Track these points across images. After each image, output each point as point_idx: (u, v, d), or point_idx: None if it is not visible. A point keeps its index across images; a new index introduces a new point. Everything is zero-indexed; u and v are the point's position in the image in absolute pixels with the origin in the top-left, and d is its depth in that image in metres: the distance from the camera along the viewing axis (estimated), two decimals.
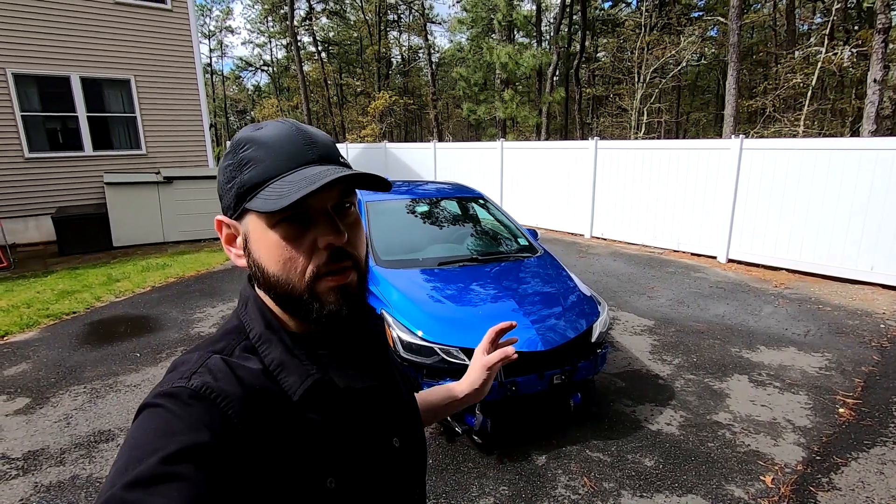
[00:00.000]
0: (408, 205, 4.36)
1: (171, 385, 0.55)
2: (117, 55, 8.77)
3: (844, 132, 16.67)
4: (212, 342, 0.63)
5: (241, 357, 0.60)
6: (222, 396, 0.54)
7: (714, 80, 27.13)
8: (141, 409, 0.54)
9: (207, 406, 0.52)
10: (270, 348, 0.61)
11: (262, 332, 0.62)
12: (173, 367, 0.59)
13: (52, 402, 3.38)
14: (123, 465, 0.47)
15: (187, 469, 0.47)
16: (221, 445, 0.50)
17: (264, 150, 0.59)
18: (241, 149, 0.60)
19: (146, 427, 0.51)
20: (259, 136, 0.61)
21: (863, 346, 4.12)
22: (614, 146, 8.36)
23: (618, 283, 5.99)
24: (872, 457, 2.71)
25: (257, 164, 0.59)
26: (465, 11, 20.72)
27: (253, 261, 0.61)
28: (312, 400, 0.59)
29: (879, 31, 10.18)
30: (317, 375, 0.60)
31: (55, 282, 6.20)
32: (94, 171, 8.75)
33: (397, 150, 14.29)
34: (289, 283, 0.59)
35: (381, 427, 0.67)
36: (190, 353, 0.61)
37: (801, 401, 3.30)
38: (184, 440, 0.49)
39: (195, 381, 0.55)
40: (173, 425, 0.50)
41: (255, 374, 0.58)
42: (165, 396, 0.53)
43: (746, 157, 6.45)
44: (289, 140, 0.60)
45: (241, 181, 0.59)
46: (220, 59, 41.16)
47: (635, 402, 3.30)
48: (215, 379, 0.55)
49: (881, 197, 5.39)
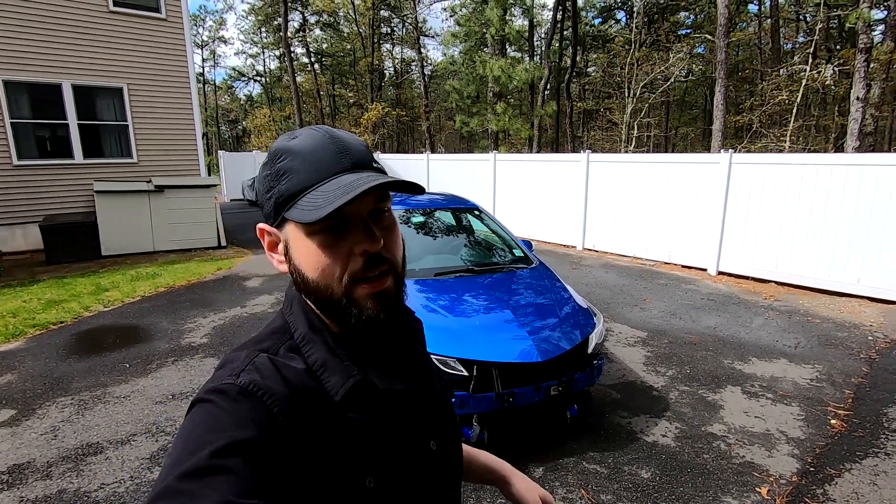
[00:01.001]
0: (402, 215, 4.36)
1: (221, 382, 0.57)
2: (110, 63, 8.73)
3: (828, 148, 17.05)
4: (258, 341, 0.65)
5: (286, 356, 0.62)
6: (269, 394, 0.56)
7: (702, 95, 27.68)
8: (193, 403, 0.57)
9: (254, 403, 0.55)
10: (314, 348, 0.63)
11: (305, 332, 0.64)
12: (222, 364, 0.62)
13: (39, 414, 3.30)
14: (177, 457, 0.50)
15: (236, 463, 0.49)
16: (267, 441, 0.52)
17: (299, 159, 0.61)
18: (278, 159, 0.62)
19: (197, 421, 0.54)
20: (294, 145, 0.62)
21: (852, 357, 4.18)
22: (606, 159, 8.47)
23: (610, 294, 6.03)
24: (865, 468, 2.73)
25: (293, 175, 0.60)
26: (458, 25, 20.98)
27: (294, 267, 0.63)
28: (353, 400, 0.61)
29: (862, 51, 10.49)
30: (358, 376, 0.61)
31: (42, 291, 6.09)
32: (83, 179, 8.66)
33: (390, 161, 14.34)
34: (328, 288, 0.61)
35: (419, 429, 0.68)
36: (238, 351, 0.63)
37: (794, 412, 3.33)
38: (232, 435, 0.51)
39: (243, 378, 0.57)
40: (222, 420, 0.52)
41: (300, 373, 0.60)
42: (215, 392, 0.56)
43: (735, 171, 6.56)
44: (322, 149, 0.62)
45: (279, 191, 0.61)
46: (212, 69, 41.05)
47: (631, 414, 3.30)
48: (262, 377, 0.57)
49: (866, 211, 5.50)
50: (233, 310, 5.46)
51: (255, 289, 6.30)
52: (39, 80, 8.18)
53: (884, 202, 5.38)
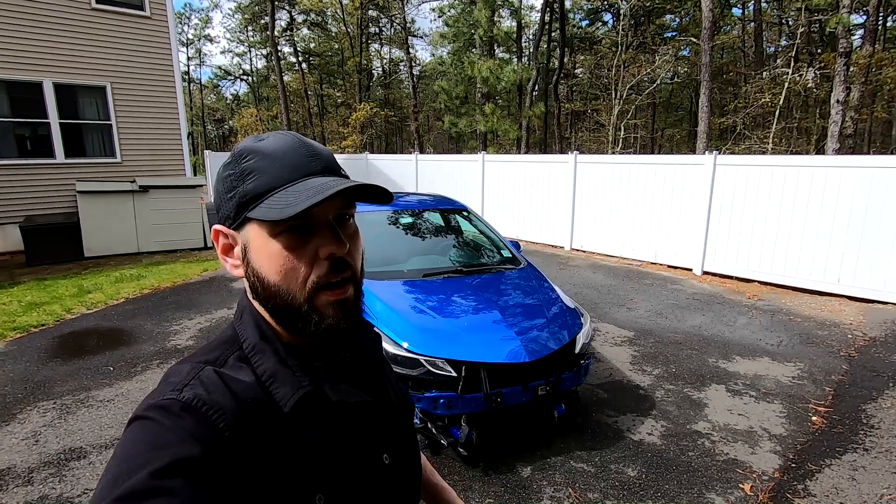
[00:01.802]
0: (390, 216, 4.36)
1: (162, 397, 0.54)
2: (93, 61, 8.58)
3: (810, 150, 17.38)
4: (205, 352, 0.62)
5: (234, 367, 0.60)
6: (214, 409, 0.53)
7: (687, 97, 28.05)
8: (131, 420, 0.54)
9: (199, 419, 0.52)
10: (263, 358, 0.60)
11: (255, 342, 0.62)
12: (165, 378, 0.59)
13: (20, 419, 3.24)
14: (113, 478, 0.47)
15: (177, 483, 0.47)
16: (212, 459, 0.50)
17: (268, 160, 0.60)
18: (244, 159, 0.61)
19: (136, 439, 0.51)
20: (262, 146, 0.61)
21: (832, 355, 4.27)
22: (593, 160, 8.54)
23: (598, 294, 6.08)
24: (845, 463, 2.80)
25: (261, 175, 0.59)
26: (446, 26, 21.01)
27: (252, 270, 0.61)
28: (304, 413, 0.59)
29: (841, 55, 10.71)
30: (309, 387, 0.59)
31: (22, 293, 5.97)
32: (65, 180, 8.49)
33: (378, 162, 14.29)
34: (289, 293, 0.59)
35: (372, 443, 0.67)
36: (182, 364, 0.60)
37: (776, 409, 3.39)
38: (174, 453, 0.48)
39: (187, 393, 0.54)
40: (163, 438, 0.50)
41: (248, 385, 0.58)
42: (156, 409, 0.53)
43: (720, 172, 6.66)
44: (292, 151, 0.61)
45: (244, 191, 0.59)
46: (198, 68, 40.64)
47: (617, 413, 3.34)
48: (207, 391, 0.55)
49: (846, 212, 5.62)
50: (219, 311, 5.40)
51: (241, 290, 6.23)
52: (19, 79, 8.01)
53: (863, 203, 5.50)
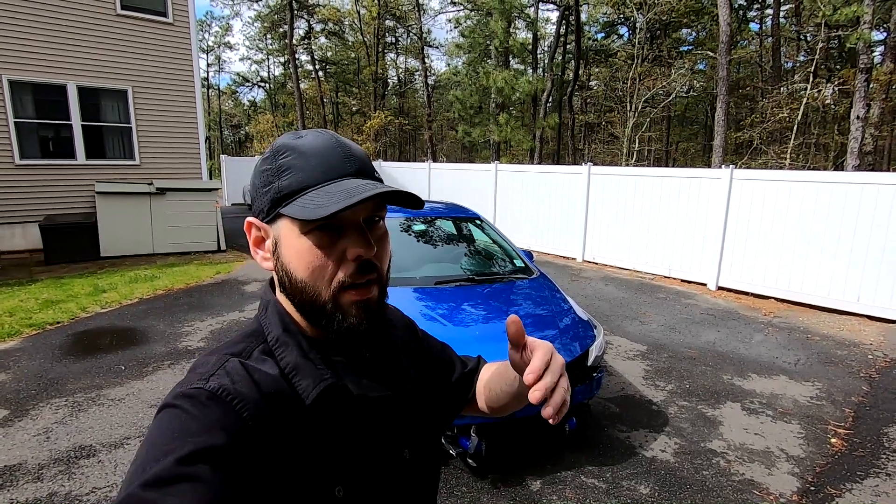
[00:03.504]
0: (403, 223, 4.36)
1: (190, 386, 0.56)
2: (116, 66, 8.78)
3: (828, 166, 17.13)
4: (231, 344, 0.63)
5: (259, 360, 0.61)
6: (239, 399, 0.55)
7: (703, 111, 27.86)
8: (160, 409, 0.55)
9: (224, 408, 0.53)
10: (286, 351, 0.61)
11: (279, 334, 0.63)
12: (192, 369, 0.60)
13: (32, 415, 3.27)
14: (141, 464, 0.48)
15: (202, 470, 0.48)
16: (236, 448, 0.51)
17: (304, 158, 0.60)
18: (281, 155, 0.61)
19: (164, 427, 0.52)
20: (299, 144, 0.62)
21: (852, 376, 4.16)
22: (607, 172, 8.49)
23: (610, 307, 6.01)
24: (866, 488, 2.71)
25: (296, 172, 0.60)
26: (462, 37, 21.19)
27: (281, 265, 0.62)
28: (326, 406, 0.60)
29: (862, 71, 10.58)
30: (331, 380, 0.60)
31: (39, 291, 6.07)
32: (85, 180, 8.66)
33: (392, 169, 14.38)
34: (315, 290, 0.60)
35: (393, 438, 0.67)
36: (209, 356, 0.61)
37: (794, 430, 3.30)
38: (199, 441, 0.50)
39: (213, 382, 0.55)
40: (190, 426, 0.51)
41: (272, 377, 0.59)
42: (183, 397, 0.54)
43: (736, 186, 6.58)
44: (329, 151, 0.61)
45: (279, 186, 0.60)
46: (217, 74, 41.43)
47: (630, 428, 3.28)
48: (232, 381, 0.56)
49: (866, 230, 5.51)
50: (231, 314, 5.43)
51: (253, 293, 6.28)
52: (45, 81, 8.22)
53: (883, 221, 5.39)
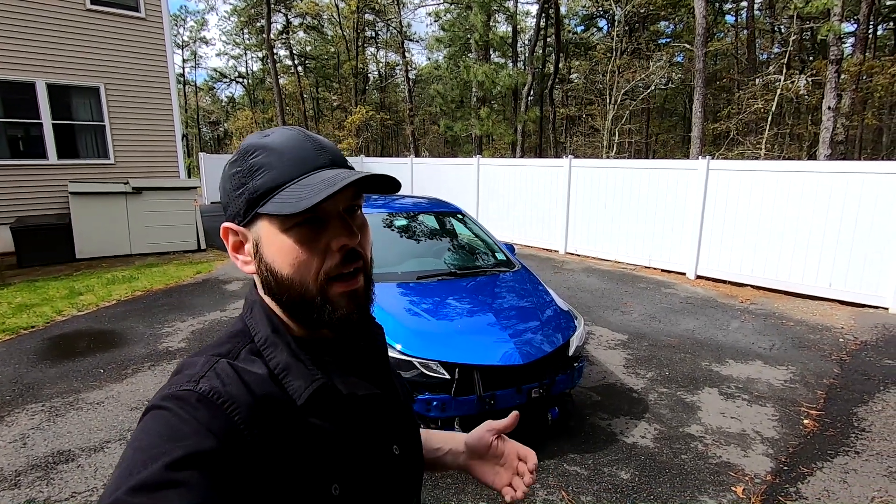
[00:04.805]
0: (385, 219, 4.35)
1: (179, 388, 0.54)
2: (87, 62, 8.54)
3: (802, 156, 17.54)
4: (217, 345, 0.62)
5: (247, 360, 0.60)
6: (229, 401, 0.53)
7: (681, 103, 28.24)
8: (147, 410, 0.53)
9: (214, 411, 0.52)
10: (276, 352, 0.60)
11: (267, 335, 0.62)
12: (179, 370, 0.59)
13: (7, 421, 3.20)
14: (127, 467, 0.47)
15: (192, 476, 0.46)
16: (227, 452, 0.50)
17: (275, 155, 0.59)
18: (251, 155, 0.60)
19: (152, 430, 0.51)
20: (268, 142, 0.61)
21: (824, 359, 4.29)
22: (588, 165, 8.58)
23: (592, 298, 6.10)
24: (836, 466, 2.81)
25: (269, 170, 0.59)
26: (442, 30, 21.09)
27: (265, 265, 0.61)
28: (317, 406, 0.59)
29: (832, 62, 10.84)
30: (322, 380, 0.60)
31: (12, 295, 5.91)
32: (57, 181, 8.43)
33: (374, 165, 14.30)
34: (303, 285, 0.59)
35: (383, 434, 0.68)
36: (196, 356, 0.60)
37: (769, 413, 3.40)
38: (189, 446, 0.48)
39: (203, 385, 0.54)
40: (179, 430, 0.50)
41: (262, 378, 0.58)
42: (173, 399, 0.53)
43: (713, 177, 6.71)
44: (299, 145, 0.61)
45: (254, 186, 0.59)
46: (193, 70, 40.57)
47: (611, 416, 3.34)
48: (223, 384, 0.55)
49: (836, 217, 5.67)
50: (212, 314, 5.37)
51: (235, 292, 6.21)
52: (12, 79, 7.95)
53: (853, 209, 5.56)
